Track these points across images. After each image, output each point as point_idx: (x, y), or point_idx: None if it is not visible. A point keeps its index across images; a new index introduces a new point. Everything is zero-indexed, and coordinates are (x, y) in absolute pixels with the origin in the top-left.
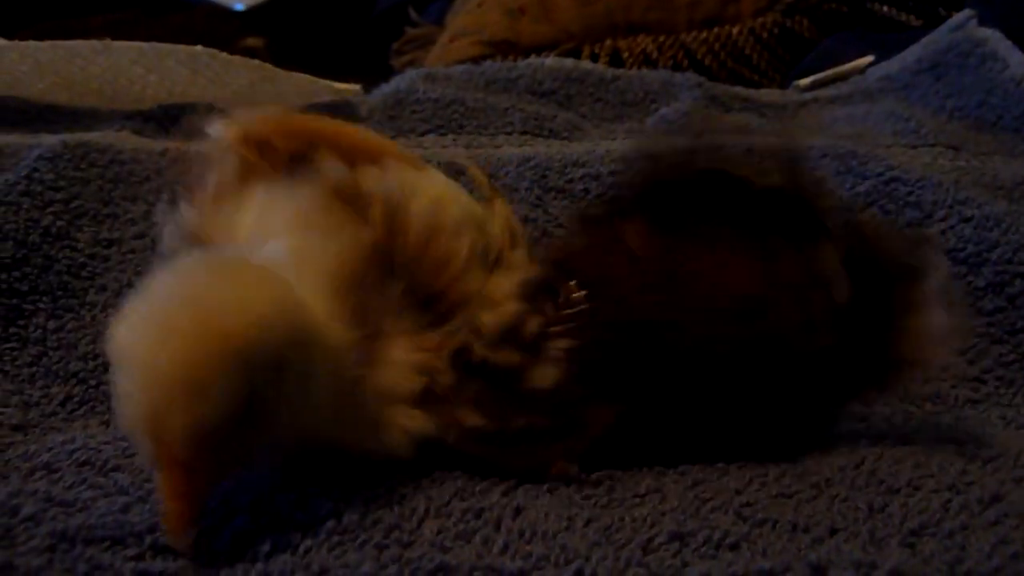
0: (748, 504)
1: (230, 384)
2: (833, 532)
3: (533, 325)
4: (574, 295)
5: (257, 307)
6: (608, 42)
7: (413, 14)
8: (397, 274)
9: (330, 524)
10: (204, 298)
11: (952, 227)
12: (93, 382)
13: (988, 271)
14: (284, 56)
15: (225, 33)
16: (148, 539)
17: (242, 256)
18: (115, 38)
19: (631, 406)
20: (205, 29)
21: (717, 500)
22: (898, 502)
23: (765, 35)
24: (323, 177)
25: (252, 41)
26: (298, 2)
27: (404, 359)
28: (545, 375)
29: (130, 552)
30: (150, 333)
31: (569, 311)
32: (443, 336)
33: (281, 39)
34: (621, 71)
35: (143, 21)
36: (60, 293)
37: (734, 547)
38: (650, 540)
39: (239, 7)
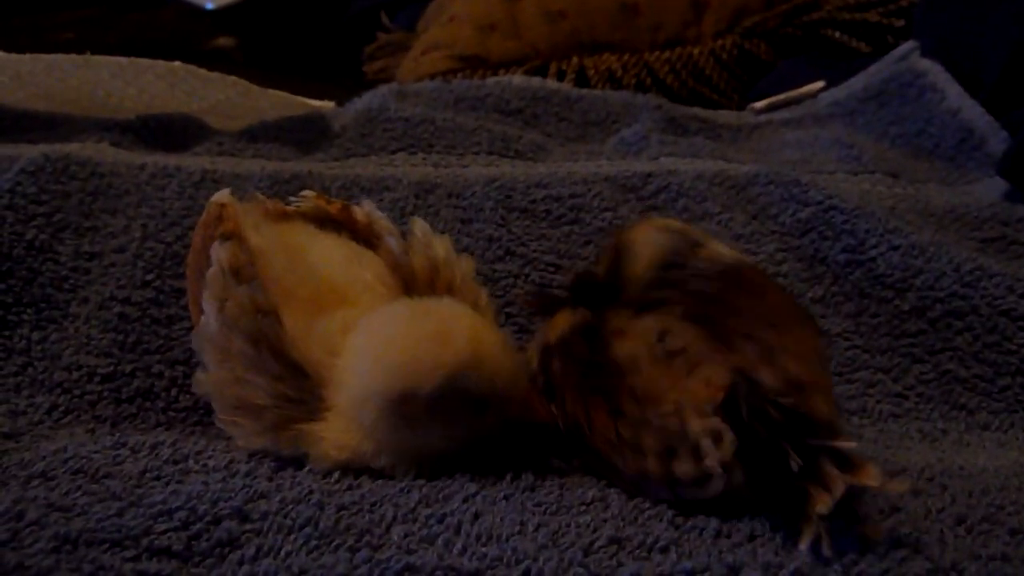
0: (681, 513)
1: None
2: (752, 538)
3: None
4: None
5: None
6: (575, 60)
7: (385, 19)
8: None
9: (308, 529)
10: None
11: (882, 254)
12: (77, 392)
13: (912, 296)
14: (256, 57)
15: (196, 32)
16: (144, 541)
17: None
18: (83, 35)
19: None
20: (175, 28)
21: (654, 509)
22: None
23: (725, 56)
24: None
25: (223, 41)
26: (270, 3)
27: None
28: None
29: (128, 554)
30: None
31: None
32: None
33: (253, 39)
34: (585, 91)
35: (111, 18)
36: (44, 305)
37: (664, 550)
38: (591, 543)
39: (210, 6)
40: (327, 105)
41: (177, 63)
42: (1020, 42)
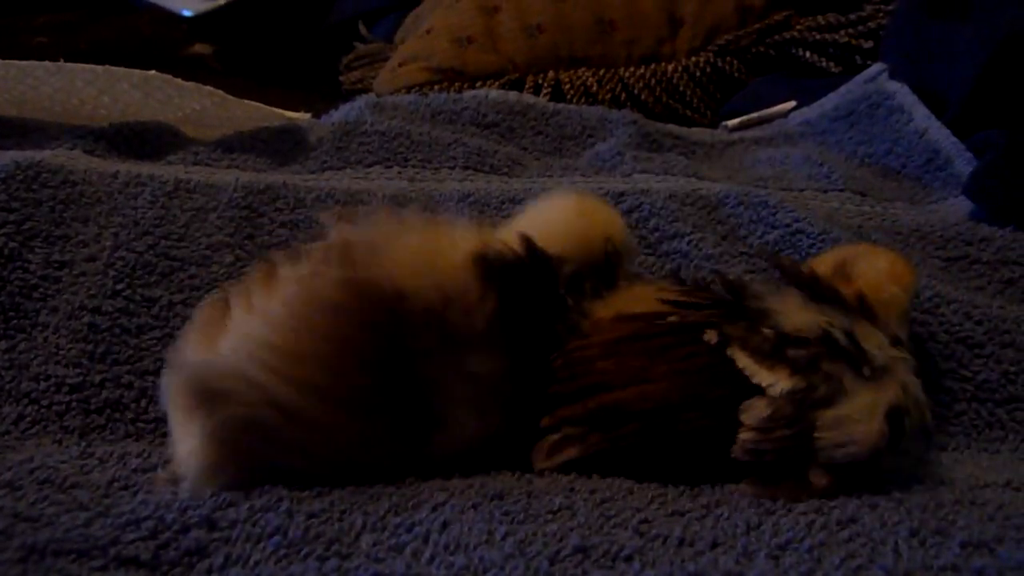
0: (646, 521)
1: None
2: (713, 546)
3: None
4: None
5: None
6: (551, 74)
7: (364, 30)
8: None
9: (277, 538)
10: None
11: None
12: (45, 402)
13: None
14: (233, 65)
15: (172, 39)
16: (112, 551)
17: None
18: (57, 40)
19: None
20: (152, 34)
21: (619, 517)
22: (771, 521)
23: (698, 74)
24: None
25: (200, 48)
26: (247, 11)
27: None
28: None
29: (96, 563)
30: None
31: None
32: None
33: (230, 47)
34: (561, 105)
35: (88, 23)
36: (12, 314)
37: (628, 559)
38: (557, 552)
39: (187, 13)
40: (303, 117)
41: (153, 72)
42: (985, 65)
